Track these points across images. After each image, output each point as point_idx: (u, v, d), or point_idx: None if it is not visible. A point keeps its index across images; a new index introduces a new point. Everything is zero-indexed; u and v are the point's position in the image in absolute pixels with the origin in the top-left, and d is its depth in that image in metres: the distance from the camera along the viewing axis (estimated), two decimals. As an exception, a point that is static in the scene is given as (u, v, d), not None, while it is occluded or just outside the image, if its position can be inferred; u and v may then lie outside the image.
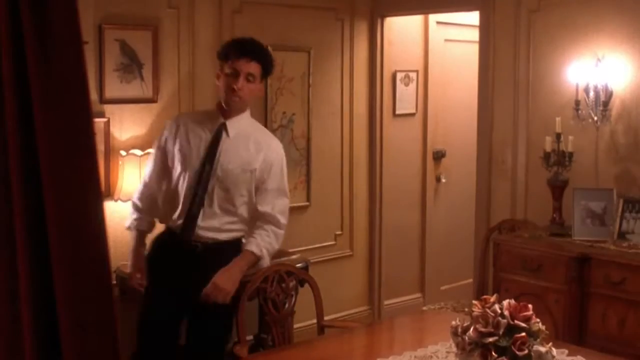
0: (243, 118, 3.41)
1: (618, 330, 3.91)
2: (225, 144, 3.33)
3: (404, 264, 6.10)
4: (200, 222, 3.33)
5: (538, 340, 2.30)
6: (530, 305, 2.34)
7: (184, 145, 3.36)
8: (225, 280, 3.26)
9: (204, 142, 3.34)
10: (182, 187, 3.34)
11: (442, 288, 6.29)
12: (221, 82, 3.36)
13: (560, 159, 4.41)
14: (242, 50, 3.32)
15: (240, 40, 3.46)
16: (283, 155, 3.48)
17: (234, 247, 3.40)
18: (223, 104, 3.37)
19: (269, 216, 3.39)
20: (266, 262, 3.39)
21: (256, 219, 3.40)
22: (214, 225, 3.35)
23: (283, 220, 3.44)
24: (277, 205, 3.42)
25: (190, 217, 3.31)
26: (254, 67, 3.32)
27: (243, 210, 3.40)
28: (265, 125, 5.11)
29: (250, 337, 4.28)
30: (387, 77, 5.82)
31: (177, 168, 3.36)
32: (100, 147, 4.20)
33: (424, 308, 5.51)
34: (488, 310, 2.30)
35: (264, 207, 3.38)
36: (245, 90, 3.31)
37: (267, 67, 3.40)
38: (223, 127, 3.36)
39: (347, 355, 3.10)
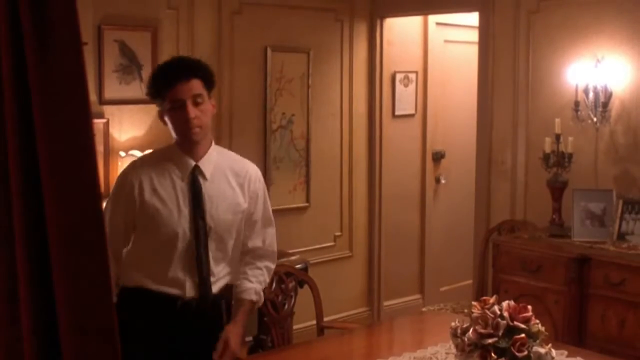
0: (212, 150, 2.86)
1: (618, 331, 3.91)
2: (206, 188, 2.80)
3: (404, 265, 6.10)
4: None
5: (537, 341, 2.30)
6: (529, 307, 2.34)
7: (156, 205, 2.76)
8: (238, 344, 2.85)
9: (181, 193, 2.78)
10: (172, 252, 2.77)
11: (442, 289, 6.29)
12: (169, 121, 2.78)
13: (559, 159, 4.42)
14: (173, 76, 2.74)
15: (164, 66, 2.86)
16: (262, 179, 3.01)
17: (221, 298, 2.93)
18: (184, 142, 2.81)
19: (261, 250, 2.98)
20: (260, 303, 3.03)
21: (245, 254, 2.96)
22: (211, 281, 2.86)
23: (275, 249, 3.05)
24: (267, 237, 3.00)
25: (204, 282, 2.80)
26: (196, 86, 2.75)
27: (232, 251, 2.92)
28: (265, 127, 5.12)
29: (249, 338, 4.28)
30: (386, 78, 5.82)
31: (154, 232, 2.77)
32: (100, 148, 4.19)
33: (424, 309, 5.52)
34: (487, 312, 2.30)
35: (254, 242, 2.95)
36: (201, 116, 2.74)
37: (208, 79, 2.81)
38: (197, 170, 2.80)
39: (346, 356, 3.10)
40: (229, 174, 2.88)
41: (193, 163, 2.80)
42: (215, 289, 2.85)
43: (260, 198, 2.95)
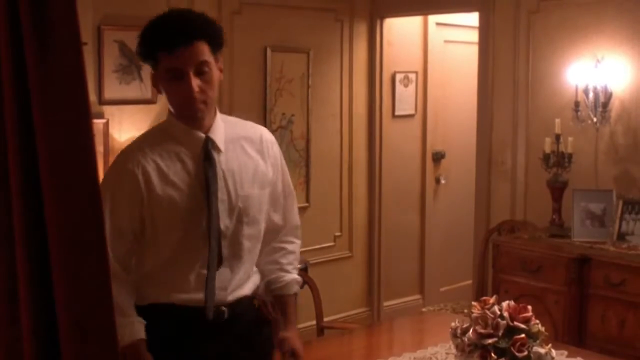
0: (218, 119, 2.34)
1: (618, 331, 3.91)
2: (223, 163, 2.29)
3: (404, 265, 6.10)
4: (225, 283, 2.29)
5: (537, 341, 2.30)
6: (529, 307, 2.34)
7: (170, 194, 2.22)
8: (302, 348, 2.45)
9: (194, 174, 2.25)
10: (197, 250, 2.25)
11: (442, 289, 6.29)
12: (165, 92, 2.25)
13: (559, 160, 4.42)
14: (171, 37, 2.17)
15: (159, 23, 2.24)
16: (276, 142, 2.54)
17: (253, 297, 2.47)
18: (187, 118, 2.27)
19: (289, 225, 2.53)
20: None
21: (269, 235, 2.47)
22: (242, 278, 2.37)
23: (299, 222, 2.61)
24: (293, 209, 2.54)
25: (210, 285, 2.25)
26: (200, 51, 2.18)
27: (262, 228, 2.44)
28: (265, 127, 5.10)
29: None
30: (386, 78, 5.82)
31: (172, 229, 2.25)
32: (100, 148, 4.19)
33: (424, 309, 5.52)
34: (487, 312, 2.30)
35: (279, 218, 2.49)
36: (206, 89, 2.21)
37: (216, 40, 2.24)
38: (209, 143, 2.28)
39: (346, 357, 3.10)
40: (244, 142, 2.37)
41: (203, 135, 2.27)
42: (249, 287, 2.39)
43: (283, 164, 2.50)
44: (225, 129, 2.35)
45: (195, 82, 2.17)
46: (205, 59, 2.19)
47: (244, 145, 2.37)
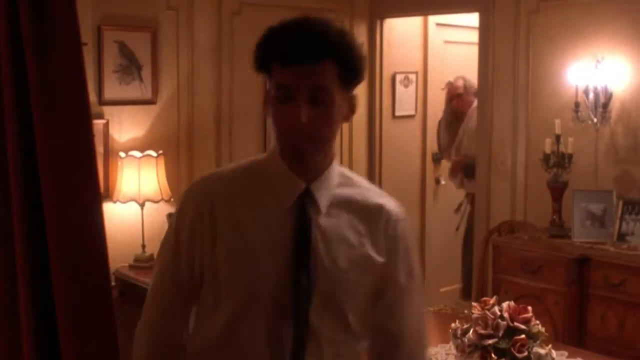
0: (331, 171, 1.80)
1: (617, 331, 3.91)
2: (320, 228, 1.73)
3: (403, 266, 6.08)
4: None
5: (538, 342, 2.30)
6: (529, 307, 2.34)
7: (239, 246, 1.72)
8: None
9: (279, 233, 1.71)
10: (259, 324, 1.70)
11: (442, 289, 6.28)
12: (272, 112, 1.74)
13: (559, 160, 4.41)
14: (289, 46, 1.74)
15: (282, 26, 1.82)
16: (406, 219, 1.96)
17: None
18: (286, 154, 1.73)
19: (411, 338, 1.84)
20: None
21: (388, 346, 1.82)
22: None
23: (424, 328, 1.92)
24: (415, 312, 1.86)
25: None
26: (322, 72, 1.67)
27: (355, 326, 1.77)
28: (265, 127, 5.10)
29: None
30: (386, 78, 5.82)
31: (231, 292, 1.72)
32: (99, 148, 4.19)
33: (423, 310, 5.49)
34: (488, 312, 2.30)
35: (395, 324, 1.82)
36: (318, 122, 1.67)
37: (349, 63, 1.71)
38: (308, 197, 1.74)
39: (346, 357, 3.09)
40: (355, 210, 1.79)
41: (302, 185, 1.74)
42: None
43: (403, 249, 1.88)
44: (337, 186, 1.80)
45: (306, 110, 1.64)
46: (326, 83, 1.67)
47: (354, 214, 1.79)
